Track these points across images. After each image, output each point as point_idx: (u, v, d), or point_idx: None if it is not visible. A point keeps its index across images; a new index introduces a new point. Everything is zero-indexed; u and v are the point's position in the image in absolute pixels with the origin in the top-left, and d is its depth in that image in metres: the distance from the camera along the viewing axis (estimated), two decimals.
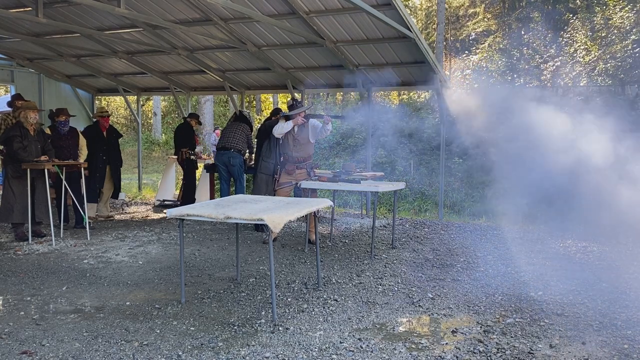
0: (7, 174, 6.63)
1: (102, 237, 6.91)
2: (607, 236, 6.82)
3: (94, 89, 11.97)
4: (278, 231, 3.77)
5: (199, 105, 20.68)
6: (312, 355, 3.35)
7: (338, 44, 7.84)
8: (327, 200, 4.84)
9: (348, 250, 6.36)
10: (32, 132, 6.65)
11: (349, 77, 9.05)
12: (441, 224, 8.21)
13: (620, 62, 12.08)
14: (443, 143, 8.58)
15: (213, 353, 3.37)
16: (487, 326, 3.87)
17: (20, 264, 5.56)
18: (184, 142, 9.31)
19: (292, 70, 9.21)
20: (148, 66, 10.12)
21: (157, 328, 3.79)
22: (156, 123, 25.02)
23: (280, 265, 5.50)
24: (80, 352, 3.38)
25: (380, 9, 6.43)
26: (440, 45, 19.74)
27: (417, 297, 4.55)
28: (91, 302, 4.36)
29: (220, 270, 5.39)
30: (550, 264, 5.69)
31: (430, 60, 7.67)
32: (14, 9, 7.57)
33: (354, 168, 7.13)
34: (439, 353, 3.40)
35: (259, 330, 3.76)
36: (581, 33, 13.64)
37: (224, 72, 9.89)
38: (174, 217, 4.09)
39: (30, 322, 3.91)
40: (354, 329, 3.81)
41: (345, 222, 8.35)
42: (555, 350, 3.44)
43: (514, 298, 4.53)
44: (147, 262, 5.72)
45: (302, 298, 4.50)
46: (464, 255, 6.08)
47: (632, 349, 3.47)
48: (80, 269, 5.40)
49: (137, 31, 8.43)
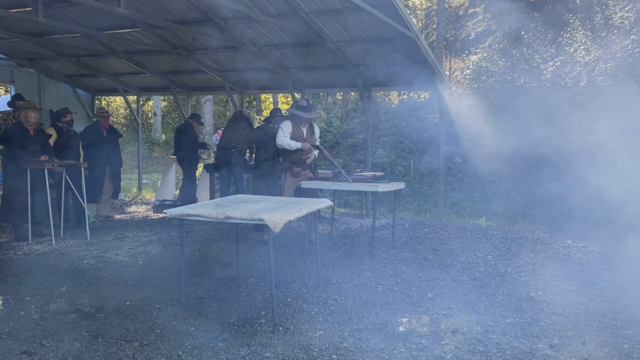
0: (7, 174, 6.63)
1: (102, 237, 6.91)
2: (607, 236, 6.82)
3: (94, 89, 11.97)
4: (278, 231, 3.77)
5: (199, 105, 20.65)
6: (312, 355, 3.35)
7: (338, 44, 7.84)
8: (327, 200, 4.84)
9: (348, 250, 6.36)
10: (32, 132, 6.65)
11: (349, 77, 9.05)
12: (441, 224, 8.21)
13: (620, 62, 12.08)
14: (443, 143, 8.57)
15: (213, 353, 3.37)
16: (487, 326, 3.87)
17: (20, 264, 5.56)
18: (186, 143, 9.16)
19: (292, 70, 9.20)
20: (148, 66, 10.12)
21: (157, 328, 3.79)
22: (156, 123, 25.01)
23: (280, 265, 5.50)
24: (80, 352, 3.38)
25: (380, 9, 6.42)
26: (440, 45, 19.72)
27: (417, 297, 4.55)
28: (91, 302, 4.36)
29: (220, 270, 5.39)
30: (550, 264, 5.69)
31: (430, 60, 7.67)
32: (14, 9, 7.57)
33: (354, 168, 7.13)
34: (439, 353, 3.40)
35: (259, 330, 3.76)
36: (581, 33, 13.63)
37: (224, 72, 9.89)
38: (174, 217, 4.09)
39: (30, 322, 3.91)
40: (354, 329, 3.81)
41: (345, 222, 8.34)
42: (555, 350, 3.44)
43: (514, 298, 4.53)
44: (147, 262, 5.72)
45: (302, 298, 4.50)
46: (464, 255, 6.08)
47: (632, 349, 3.47)
48: (80, 269, 5.40)
49: (137, 31, 8.42)
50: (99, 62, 10.28)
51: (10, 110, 7.83)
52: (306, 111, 6.39)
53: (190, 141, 9.17)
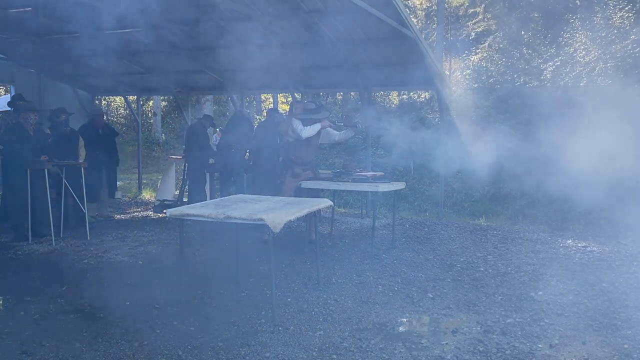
0: (7, 174, 6.63)
1: (102, 237, 6.91)
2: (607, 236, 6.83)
3: (94, 89, 11.95)
4: (278, 231, 3.77)
5: (199, 105, 20.66)
6: (312, 355, 3.35)
7: (338, 44, 7.84)
8: (327, 200, 4.84)
9: (348, 250, 6.36)
10: (32, 132, 6.65)
11: (349, 77, 9.04)
12: (441, 224, 8.21)
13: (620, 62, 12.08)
14: (443, 143, 8.57)
15: (213, 353, 3.37)
16: (487, 326, 3.87)
17: (20, 264, 5.56)
18: (195, 144, 8.96)
19: (292, 70, 9.19)
20: (148, 66, 10.11)
21: (157, 328, 3.79)
22: (156, 123, 25.00)
23: (280, 265, 5.50)
24: (80, 352, 3.38)
25: (380, 9, 6.42)
26: (440, 45, 19.73)
27: (417, 297, 4.55)
28: (91, 302, 4.36)
29: (220, 270, 5.39)
30: (550, 264, 5.69)
31: (431, 60, 7.67)
32: (14, 9, 7.56)
33: (354, 168, 7.12)
34: (439, 353, 3.40)
35: (259, 330, 3.76)
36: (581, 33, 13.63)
37: (224, 72, 9.88)
38: (174, 217, 4.09)
39: (30, 322, 3.91)
40: (354, 329, 3.81)
41: (345, 222, 8.34)
42: (555, 350, 3.44)
43: (514, 298, 4.53)
44: (147, 262, 5.72)
45: (302, 298, 4.50)
46: (464, 255, 6.08)
47: (632, 349, 3.47)
48: (80, 269, 5.40)
49: (137, 31, 8.41)
50: (99, 62, 10.27)
51: (10, 111, 7.82)
52: (317, 113, 6.37)
53: (202, 143, 8.99)
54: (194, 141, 8.88)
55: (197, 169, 8.97)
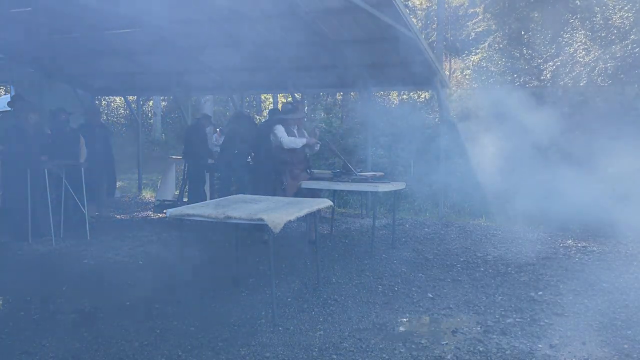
0: (7, 174, 6.63)
1: (102, 237, 6.91)
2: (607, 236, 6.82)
3: (94, 89, 11.96)
4: (278, 231, 3.77)
5: (199, 105, 20.65)
6: (312, 355, 3.35)
7: (338, 44, 7.84)
8: (327, 201, 4.84)
9: (348, 250, 6.36)
10: (32, 132, 6.65)
11: (349, 77, 9.04)
12: (441, 224, 8.21)
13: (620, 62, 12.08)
14: (443, 143, 8.57)
15: (213, 353, 3.38)
16: (487, 326, 3.87)
17: (20, 264, 5.56)
18: (195, 144, 8.96)
19: (292, 70, 9.20)
20: (148, 66, 10.11)
21: (157, 328, 3.79)
22: (156, 123, 25.00)
23: (280, 265, 5.50)
24: (80, 352, 3.38)
25: (380, 9, 6.42)
26: (440, 45, 19.72)
27: (417, 297, 4.55)
28: (91, 302, 4.36)
29: (221, 270, 5.39)
30: (550, 264, 5.69)
31: (430, 60, 7.67)
32: (14, 9, 7.56)
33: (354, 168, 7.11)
34: (439, 353, 3.40)
35: (259, 330, 3.76)
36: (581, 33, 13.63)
37: (224, 72, 9.88)
38: (174, 217, 4.09)
39: (30, 322, 3.91)
40: (354, 329, 3.81)
41: (345, 222, 8.34)
42: (555, 350, 3.44)
43: (514, 298, 4.53)
44: (147, 262, 5.72)
45: (302, 298, 4.50)
46: (464, 255, 6.08)
47: (632, 349, 3.47)
48: (80, 269, 5.40)
49: (137, 31, 8.41)
50: (99, 62, 10.27)
51: (10, 110, 7.81)
52: (291, 112, 6.51)
53: (202, 143, 8.99)
54: (193, 141, 8.90)
55: (196, 169, 8.98)
